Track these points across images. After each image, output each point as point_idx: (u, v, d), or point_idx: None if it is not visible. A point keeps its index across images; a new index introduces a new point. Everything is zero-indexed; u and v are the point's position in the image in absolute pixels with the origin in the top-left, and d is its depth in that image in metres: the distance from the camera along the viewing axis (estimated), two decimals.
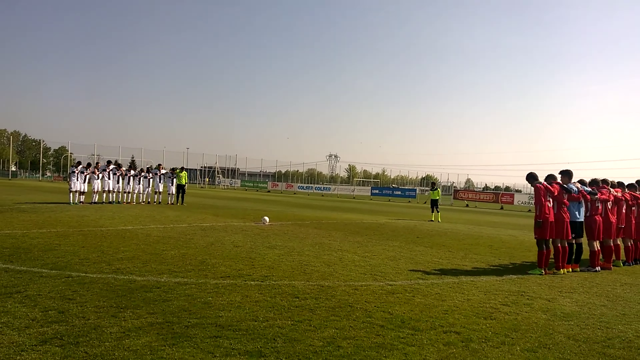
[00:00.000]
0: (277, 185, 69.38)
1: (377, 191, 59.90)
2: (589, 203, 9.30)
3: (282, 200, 37.06)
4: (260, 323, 4.97)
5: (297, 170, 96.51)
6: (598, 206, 9.30)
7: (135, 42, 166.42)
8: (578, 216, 9.11)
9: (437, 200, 22.71)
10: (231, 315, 5.18)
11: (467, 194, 51.67)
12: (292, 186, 67.93)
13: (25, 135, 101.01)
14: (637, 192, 10.33)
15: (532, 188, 9.05)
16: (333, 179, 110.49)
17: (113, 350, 4.04)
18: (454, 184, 74.80)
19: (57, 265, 7.36)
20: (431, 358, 4.21)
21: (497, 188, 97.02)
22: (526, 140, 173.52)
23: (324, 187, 67.44)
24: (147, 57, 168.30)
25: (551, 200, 8.72)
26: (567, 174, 9.16)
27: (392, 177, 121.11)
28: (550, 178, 8.98)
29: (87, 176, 21.32)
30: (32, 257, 7.94)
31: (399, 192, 58.07)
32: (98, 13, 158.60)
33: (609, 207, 9.49)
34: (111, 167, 22.25)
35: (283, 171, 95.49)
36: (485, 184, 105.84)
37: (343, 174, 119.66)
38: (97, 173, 21.79)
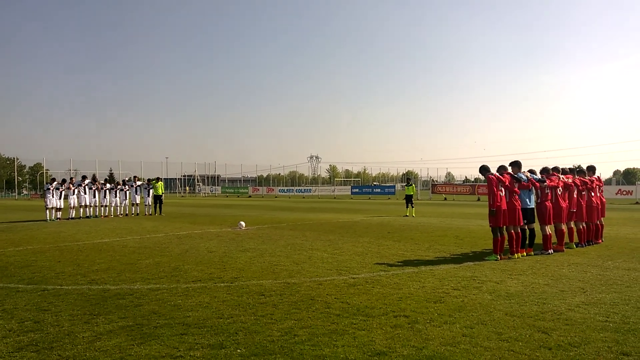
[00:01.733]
0: (258, 189, 69.62)
1: (357, 190, 60.56)
2: (539, 190, 9.89)
3: (261, 204, 37.37)
4: (225, 320, 5.36)
5: (279, 174, 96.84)
6: (547, 192, 9.91)
7: (107, 52, 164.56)
8: (529, 203, 9.70)
9: (412, 195, 23.30)
10: (198, 315, 5.56)
11: (444, 188, 52.53)
12: (273, 190, 68.24)
13: None
14: (587, 178, 10.97)
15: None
16: (315, 180, 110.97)
17: (85, 352, 4.40)
18: (432, 179, 75.90)
19: (33, 280, 7.64)
20: (378, 339, 4.65)
21: (476, 180, 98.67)
22: (508, 130, 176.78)
23: (304, 189, 67.84)
24: (120, 68, 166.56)
25: (503, 189, 9.28)
26: (516, 164, 9.75)
27: (373, 175, 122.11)
28: (501, 169, 9.56)
29: (63, 192, 21.38)
30: (9, 274, 8.19)
31: (379, 190, 58.78)
32: (69, 25, 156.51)
33: (559, 193, 10.09)
34: (86, 181, 22.34)
35: (265, 175, 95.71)
36: (465, 177, 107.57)
37: (325, 174, 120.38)
38: (73, 188, 21.86)
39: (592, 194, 11.00)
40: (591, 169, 11.30)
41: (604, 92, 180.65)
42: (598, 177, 11.52)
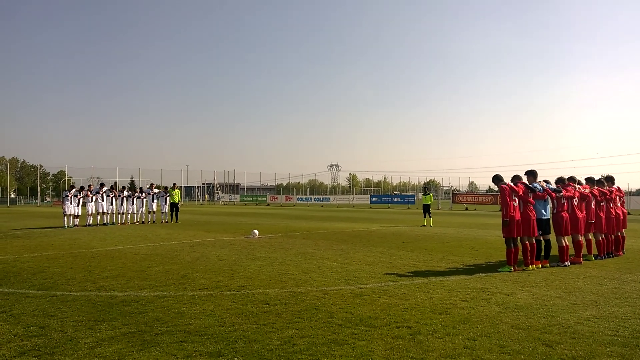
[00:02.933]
0: (277, 198, 69.83)
1: (376, 199, 60.26)
2: (554, 200, 9.68)
3: (278, 213, 37.45)
4: (227, 328, 5.34)
5: (299, 182, 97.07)
6: (564, 203, 9.69)
7: (128, 61, 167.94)
8: (544, 214, 9.49)
9: (429, 205, 23.08)
10: (200, 323, 5.56)
11: (466, 198, 51.90)
12: (292, 198, 68.37)
13: (24, 162, 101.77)
14: (605, 188, 10.71)
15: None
16: (334, 189, 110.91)
17: (84, 358, 4.43)
18: (455, 188, 75.09)
19: (43, 286, 7.75)
20: (377, 350, 4.58)
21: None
22: (531, 139, 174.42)
23: (323, 198, 67.87)
24: (141, 77, 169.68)
25: (517, 199, 9.10)
26: (531, 174, 9.57)
27: (394, 184, 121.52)
28: (515, 179, 9.39)
29: (81, 199, 21.77)
30: (21, 280, 8.34)
31: (398, 199, 58.35)
32: (87, 32, 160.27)
33: (576, 204, 9.86)
34: (104, 189, 22.71)
35: (284, 184, 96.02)
36: (489, 186, 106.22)
37: (345, 183, 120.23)
38: (91, 196, 22.24)
39: (612, 204, 10.72)
40: (610, 179, 11.03)
41: (634, 99, 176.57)
42: (618, 187, 11.24)
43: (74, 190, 21.75)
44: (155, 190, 24.97)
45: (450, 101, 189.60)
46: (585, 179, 10.81)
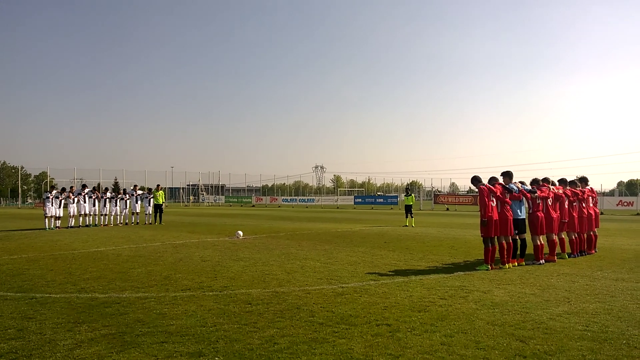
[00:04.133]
0: (262, 199, 69.71)
1: (360, 200, 60.59)
2: (530, 201, 9.91)
3: (263, 214, 37.41)
4: (208, 328, 5.39)
5: (284, 184, 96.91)
6: (539, 203, 9.92)
7: (112, 62, 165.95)
8: (520, 214, 9.72)
9: (411, 205, 23.32)
10: (182, 323, 5.59)
11: (447, 198, 52.49)
12: (277, 199, 68.33)
13: (5, 163, 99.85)
14: (578, 189, 10.98)
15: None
16: (319, 190, 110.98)
17: None
18: (436, 189, 75.74)
19: (22, 288, 7.70)
20: (357, 347, 4.67)
21: None
22: (512, 141, 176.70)
23: (308, 199, 67.91)
24: (125, 78, 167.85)
25: (494, 200, 9.30)
26: (507, 175, 9.79)
27: (377, 185, 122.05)
28: (492, 180, 9.60)
29: (62, 201, 21.51)
30: None
31: (382, 200, 58.80)
32: (74, 34, 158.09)
33: (550, 204, 10.10)
34: (86, 190, 22.47)
35: (269, 185, 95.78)
36: (469, 187, 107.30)
37: (329, 184, 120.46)
38: (72, 197, 21.99)
39: (584, 204, 10.99)
40: (583, 180, 11.32)
41: (610, 102, 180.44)
42: (591, 188, 11.53)
43: (55, 191, 21.48)
44: (139, 192, 24.77)
45: (432, 104, 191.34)
46: (558, 180, 11.07)
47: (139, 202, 24.35)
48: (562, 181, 11.05)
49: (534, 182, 10.30)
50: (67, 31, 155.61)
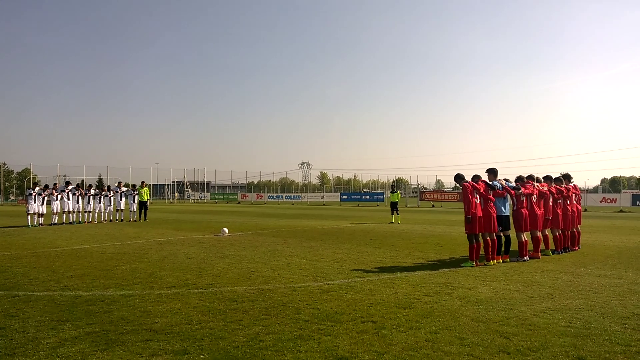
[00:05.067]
0: (248, 196, 69.48)
1: (346, 197, 60.62)
2: (514, 198, 10.02)
3: (249, 211, 37.28)
4: (193, 326, 5.36)
5: (269, 180, 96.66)
6: (523, 200, 10.04)
7: (98, 59, 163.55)
8: (504, 210, 9.82)
9: (397, 202, 23.42)
10: (166, 321, 5.55)
11: (433, 195, 52.83)
12: (263, 196, 68.15)
13: None
14: (562, 186, 11.12)
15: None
16: (305, 187, 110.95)
17: (46, 358, 4.38)
18: (422, 186, 76.19)
19: (4, 286, 7.58)
20: (342, 344, 4.69)
21: None
22: (497, 138, 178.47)
23: (294, 196, 67.78)
24: (109, 74, 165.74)
25: (478, 197, 9.39)
26: (492, 172, 9.89)
27: (363, 182, 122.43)
28: (476, 177, 9.68)
29: (45, 198, 21.21)
30: None
31: (368, 197, 58.98)
32: (59, 30, 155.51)
33: (534, 201, 10.23)
34: (70, 187, 22.18)
35: (255, 182, 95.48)
36: (455, 184, 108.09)
37: (315, 181, 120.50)
38: (56, 194, 21.69)
39: (568, 201, 11.15)
40: (567, 177, 11.46)
41: (593, 100, 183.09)
42: (575, 185, 11.69)
43: (37, 188, 21.17)
44: (124, 189, 24.53)
45: (418, 101, 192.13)
46: (544, 177, 11.20)
47: (124, 199, 24.12)
48: (548, 178, 11.18)
49: (519, 179, 10.42)
50: (52, 27, 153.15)
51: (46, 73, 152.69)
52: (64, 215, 21.97)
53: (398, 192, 24.88)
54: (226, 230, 16.37)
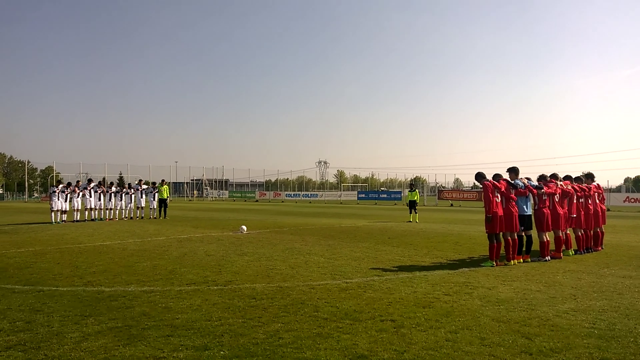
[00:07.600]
0: (265, 194, 69.79)
1: (363, 195, 60.49)
2: (536, 197, 9.87)
3: (267, 209, 37.45)
4: (213, 322, 5.41)
5: (287, 179, 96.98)
6: (545, 199, 9.88)
7: (119, 60, 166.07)
8: (526, 210, 9.69)
9: (416, 201, 23.26)
10: (187, 317, 5.62)
11: (451, 194, 52.36)
12: (280, 194, 68.38)
13: (11, 157, 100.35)
14: (584, 185, 10.92)
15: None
16: (322, 186, 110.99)
17: (71, 352, 4.47)
18: (441, 185, 75.75)
19: (30, 281, 7.75)
20: (361, 343, 4.68)
21: None
22: (517, 136, 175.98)
23: (311, 194, 67.87)
24: (130, 74, 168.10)
25: (499, 196, 9.27)
26: (513, 171, 9.75)
27: (381, 180, 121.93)
28: (497, 176, 9.56)
29: (68, 195, 21.62)
30: (7, 275, 8.32)
31: (385, 195, 58.69)
32: (77, 29, 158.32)
33: (557, 200, 10.06)
34: (92, 185, 22.57)
35: (273, 180, 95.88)
36: (473, 183, 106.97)
37: (333, 180, 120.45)
38: (78, 192, 22.09)
39: (590, 201, 10.94)
40: (589, 176, 11.26)
41: (616, 99, 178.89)
42: (597, 184, 11.47)
43: (61, 185, 21.64)
44: (144, 186, 24.85)
45: (436, 99, 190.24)
46: (563, 177, 11.01)
47: (144, 196, 24.44)
48: (567, 177, 10.99)
49: (541, 178, 10.27)
50: (72, 25, 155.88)
51: (67, 72, 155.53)
52: (86, 212, 22.37)
53: (417, 191, 24.70)
54: (244, 228, 16.47)
